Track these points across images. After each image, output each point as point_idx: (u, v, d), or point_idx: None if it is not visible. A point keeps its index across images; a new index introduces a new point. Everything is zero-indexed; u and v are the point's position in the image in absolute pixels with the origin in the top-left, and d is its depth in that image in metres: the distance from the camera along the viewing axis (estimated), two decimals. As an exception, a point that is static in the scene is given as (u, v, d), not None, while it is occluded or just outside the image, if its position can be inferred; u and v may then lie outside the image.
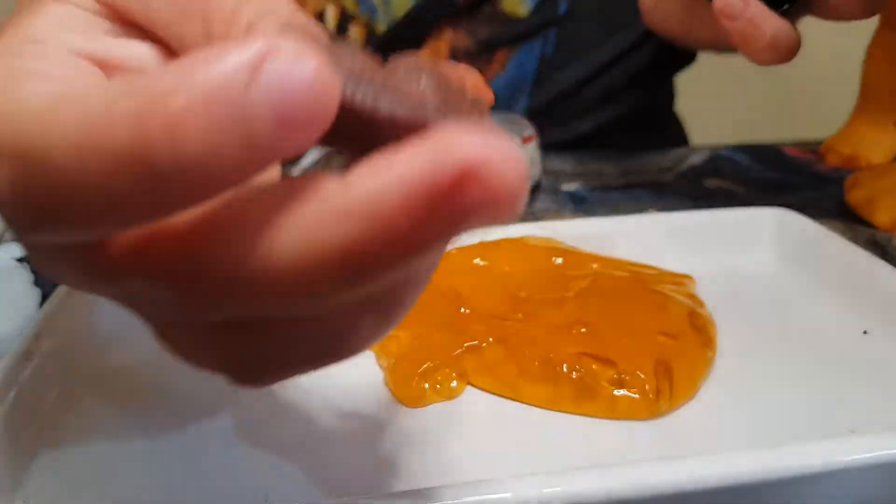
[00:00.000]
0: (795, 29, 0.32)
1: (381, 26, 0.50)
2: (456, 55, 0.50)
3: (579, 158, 0.49)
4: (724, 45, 0.36)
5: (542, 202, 0.41)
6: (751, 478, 0.18)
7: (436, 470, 0.20)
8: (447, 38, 0.50)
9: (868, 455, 0.18)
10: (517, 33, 0.50)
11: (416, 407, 0.23)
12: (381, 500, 0.17)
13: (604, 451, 0.21)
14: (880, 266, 0.28)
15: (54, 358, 0.24)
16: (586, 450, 0.21)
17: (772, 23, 0.31)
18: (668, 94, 0.62)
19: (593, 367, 0.23)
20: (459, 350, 0.24)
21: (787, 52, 0.32)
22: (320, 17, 0.51)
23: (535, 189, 0.42)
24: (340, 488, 0.20)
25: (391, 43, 0.50)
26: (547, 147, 0.50)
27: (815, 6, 0.32)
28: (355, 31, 0.51)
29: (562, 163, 0.48)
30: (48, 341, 0.24)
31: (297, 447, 0.21)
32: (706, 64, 0.60)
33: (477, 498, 0.17)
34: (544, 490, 0.17)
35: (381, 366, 0.25)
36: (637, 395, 0.22)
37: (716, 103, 0.91)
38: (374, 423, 0.22)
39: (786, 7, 0.32)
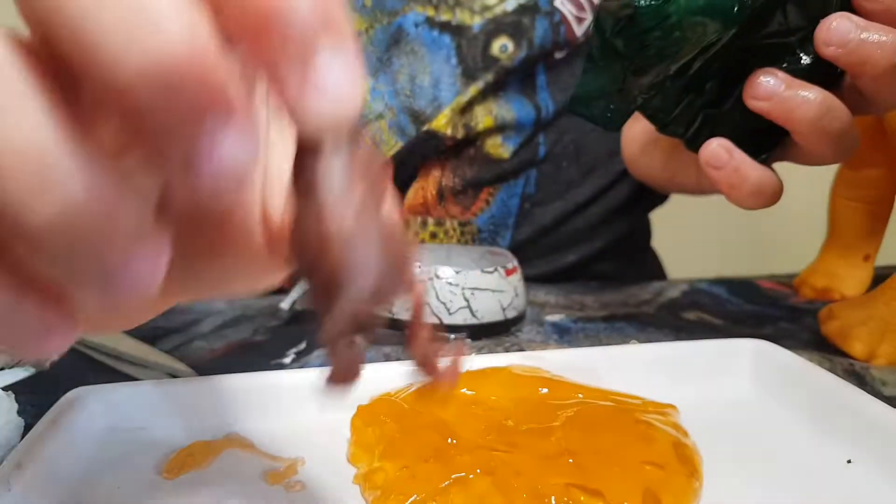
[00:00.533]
0: (776, 174, 0.34)
1: None
2: (443, 193, 0.53)
3: (562, 290, 0.50)
4: (707, 190, 0.38)
5: (527, 333, 0.42)
6: None
7: None
8: (435, 177, 0.52)
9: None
10: (500, 173, 0.52)
11: (403, 542, 0.22)
12: None
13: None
14: (860, 395, 0.29)
15: (34, 486, 0.23)
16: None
17: (755, 171, 0.33)
18: (645, 230, 0.65)
19: (581, 498, 0.23)
20: (447, 482, 0.24)
21: (771, 196, 0.34)
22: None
23: (520, 320, 0.43)
24: None
25: None
26: (531, 279, 0.51)
27: (791, 154, 0.34)
28: None
29: (545, 295, 0.49)
30: (29, 470, 0.23)
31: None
32: (679, 202, 0.63)
33: None
34: None
35: (366, 499, 0.24)
36: (626, 528, 0.22)
37: (690, 238, 0.94)
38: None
39: (764, 157, 0.34)
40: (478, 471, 0.24)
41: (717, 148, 0.32)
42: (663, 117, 0.33)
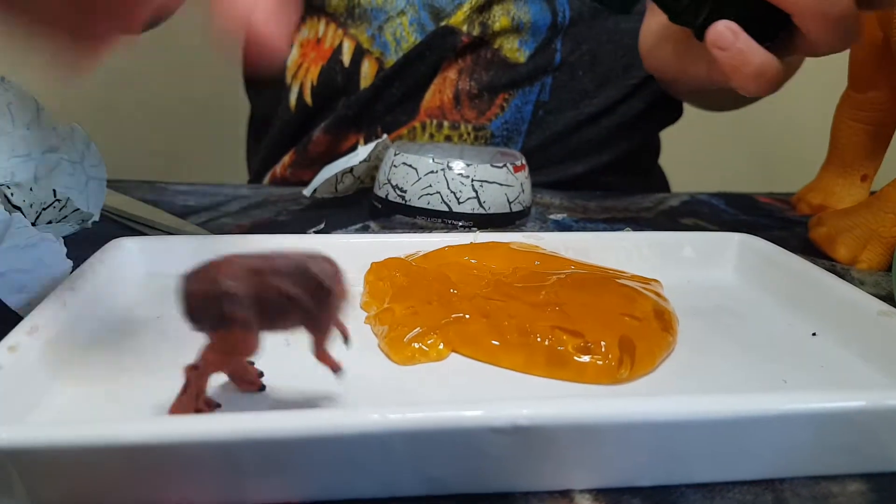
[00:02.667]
0: (778, 61, 0.35)
1: (392, 62, 0.55)
2: (459, 97, 0.55)
3: (567, 195, 0.53)
4: (716, 80, 0.39)
5: (530, 227, 0.44)
6: (681, 416, 0.20)
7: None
8: (451, 80, 0.54)
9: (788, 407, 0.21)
10: (515, 78, 0.54)
11: (407, 365, 0.26)
12: (377, 413, 0.20)
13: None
14: (830, 278, 0.31)
15: (85, 306, 0.27)
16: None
17: (758, 54, 0.34)
18: (655, 147, 0.66)
19: (563, 337, 0.26)
20: (446, 320, 0.27)
21: (773, 80, 0.35)
22: (338, 49, 0.56)
23: (525, 215, 0.45)
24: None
25: (399, 77, 0.54)
26: (539, 185, 0.54)
27: (795, 44, 0.36)
28: (368, 65, 0.55)
29: (551, 197, 0.52)
30: (81, 293, 0.27)
31: (298, 395, 0.24)
32: (689, 122, 0.65)
33: (453, 413, 0.19)
34: (513, 411, 0.20)
35: (375, 333, 0.28)
36: (601, 363, 0.25)
37: (697, 159, 0.96)
38: (369, 377, 0.25)
39: (769, 44, 0.35)
40: (474, 313, 0.27)
41: (724, 29, 0.34)
42: (674, 6, 0.35)
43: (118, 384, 0.24)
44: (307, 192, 0.46)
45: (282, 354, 0.26)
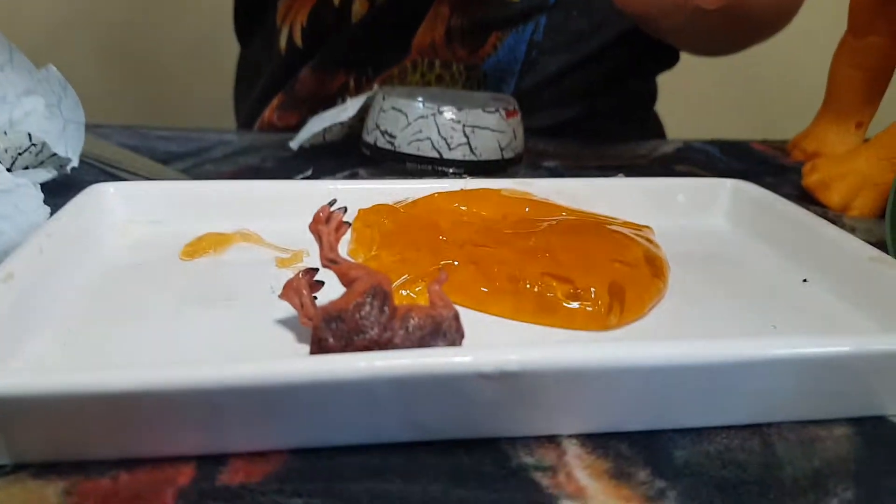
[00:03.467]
0: None
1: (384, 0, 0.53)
2: (451, 34, 0.53)
3: (560, 142, 0.52)
4: (688, 14, 0.37)
5: (522, 175, 0.44)
6: (672, 360, 0.20)
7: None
8: (444, 16, 0.53)
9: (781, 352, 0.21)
10: (509, 16, 0.53)
11: (393, 312, 0.25)
12: (364, 360, 0.19)
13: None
14: (822, 224, 0.31)
15: (64, 252, 0.26)
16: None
17: None
18: (651, 93, 0.65)
19: (553, 283, 0.26)
20: (435, 267, 0.26)
21: None
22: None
23: (517, 161, 0.45)
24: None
25: (390, 15, 0.53)
26: (532, 131, 0.53)
27: None
28: (359, 4, 0.54)
29: (544, 145, 0.51)
30: (59, 239, 0.26)
31: (288, 336, 0.24)
32: (685, 68, 0.64)
33: (440, 359, 0.19)
34: (500, 356, 0.19)
35: (362, 280, 0.27)
36: (590, 309, 0.25)
37: (692, 105, 0.95)
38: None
39: None
40: (463, 260, 0.27)
41: None
42: None
43: (97, 332, 0.24)
44: (294, 144, 0.45)
45: (267, 301, 0.26)
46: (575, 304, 0.25)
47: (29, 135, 0.33)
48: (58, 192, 0.34)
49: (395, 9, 0.53)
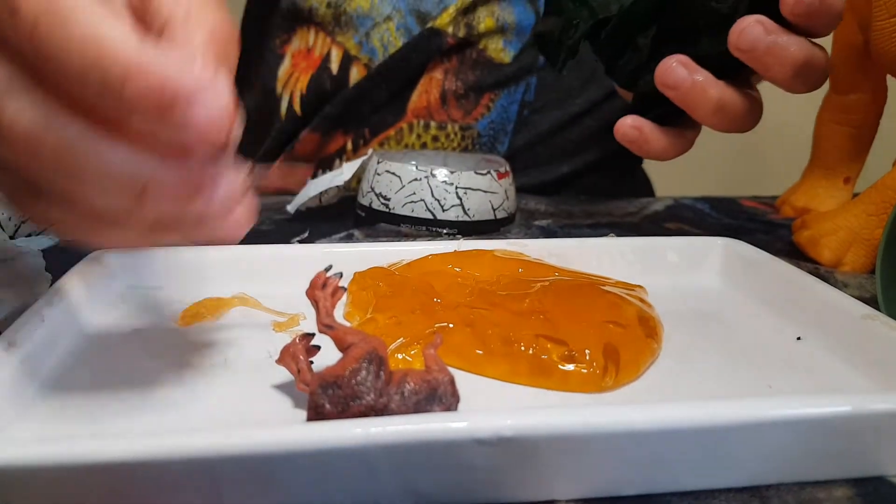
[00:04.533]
0: (746, 94, 0.34)
1: None
2: (445, 97, 0.55)
3: (552, 201, 0.53)
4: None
5: (515, 234, 0.44)
6: (670, 424, 0.20)
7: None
8: (438, 81, 0.54)
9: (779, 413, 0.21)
10: (501, 78, 0.55)
11: (389, 376, 0.25)
12: (359, 427, 0.19)
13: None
14: (815, 282, 0.31)
15: (63, 321, 0.26)
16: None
17: (717, 89, 0.33)
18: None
19: (547, 345, 0.26)
20: (430, 330, 0.27)
21: (736, 117, 0.34)
22: (326, 57, 0.55)
23: (509, 221, 0.45)
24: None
25: (385, 78, 0.54)
26: (525, 189, 0.54)
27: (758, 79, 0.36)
28: (356, 72, 0.55)
29: (536, 204, 0.52)
30: (59, 308, 0.26)
31: (285, 402, 0.24)
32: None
33: (436, 425, 0.19)
34: (497, 422, 0.19)
35: (359, 344, 0.27)
36: (585, 371, 0.25)
37: (680, 161, 0.96)
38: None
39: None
40: (458, 322, 0.27)
41: (676, 65, 0.33)
42: (606, 62, 0.37)
43: (98, 400, 0.24)
44: (291, 208, 0.46)
45: (265, 367, 0.26)
46: (570, 367, 0.25)
47: (30, 203, 0.34)
48: (59, 258, 0.34)
49: (388, 74, 0.54)
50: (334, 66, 0.55)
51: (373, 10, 0.54)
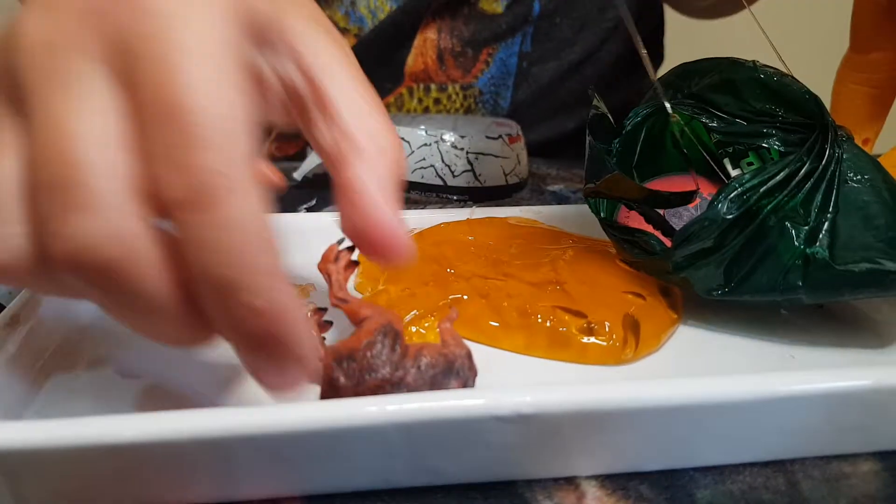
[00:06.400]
0: None
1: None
2: (442, 57, 0.53)
3: (564, 164, 0.52)
4: None
5: (527, 200, 0.43)
6: (690, 400, 0.19)
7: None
8: (432, 41, 0.53)
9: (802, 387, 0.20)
10: (496, 31, 0.53)
11: (403, 349, 0.25)
12: (375, 405, 0.19)
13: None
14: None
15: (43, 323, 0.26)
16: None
17: None
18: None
19: (566, 317, 0.25)
20: (444, 302, 0.26)
21: None
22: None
23: (521, 187, 0.44)
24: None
25: (379, 45, 0.53)
26: (535, 145, 0.53)
27: None
28: (347, 41, 0.53)
29: (548, 167, 0.51)
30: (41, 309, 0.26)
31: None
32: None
33: (454, 403, 0.19)
34: (516, 399, 0.19)
35: (371, 316, 0.27)
36: (605, 343, 0.25)
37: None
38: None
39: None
40: (473, 294, 0.26)
41: None
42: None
43: (104, 375, 0.23)
44: (297, 175, 0.45)
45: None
46: (589, 339, 0.25)
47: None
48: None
49: (379, 39, 0.53)
50: None
51: None
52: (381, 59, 0.53)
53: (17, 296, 0.24)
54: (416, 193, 0.42)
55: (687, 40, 0.68)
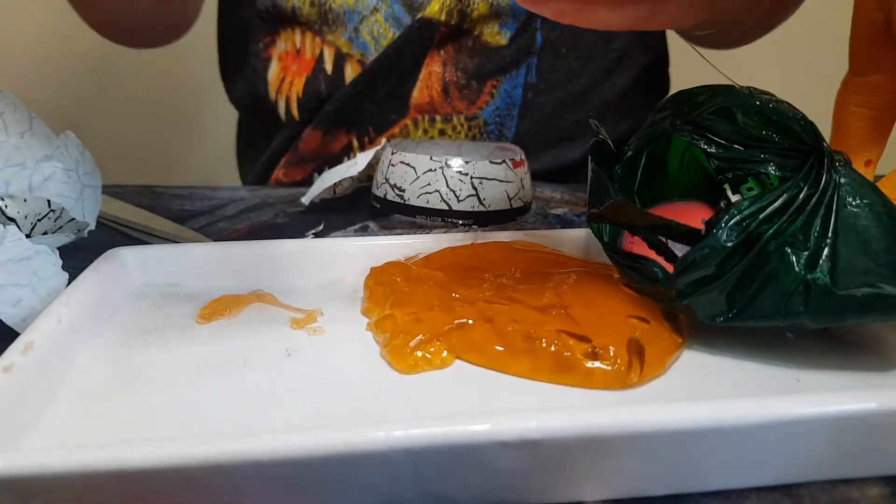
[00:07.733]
0: None
1: None
2: (448, 88, 0.54)
3: (568, 188, 0.52)
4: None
5: (532, 223, 0.44)
6: (699, 424, 0.20)
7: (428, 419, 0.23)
8: (437, 74, 0.54)
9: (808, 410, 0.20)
10: (501, 63, 0.54)
11: (410, 374, 0.25)
12: (382, 431, 0.19)
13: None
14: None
15: (82, 322, 0.26)
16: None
17: None
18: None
19: (570, 342, 0.25)
20: (449, 326, 0.26)
21: None
22: (319, 58, 0.55)
23: (525, 211, 0.45)
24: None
25: (381, 75, 0.53)
26: (538, 175, 0.53)
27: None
28: (351, 69, 0.54)
29: (552, 191, 0.51)
30: (76, 308, 0.26)
31: (304, 403, 0.24)
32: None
33: (459, 428, 0.19)
34: (521, 424, 0.19)
35: (377, 341, 0.27)
36: (609, 368, 0.25)
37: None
38: (371, 386, 0.25)
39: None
40: (477, 318, 0.27)
41: None
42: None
43: (117, 402, 0.24)
44: (305, 200, 0.45)
45: (283, 365, 0.25)
46: (594, 364, 0.25)
47: (48, 201, 0.34)
48: (75, 255, 0.34)
49: (383, 69, 0.53)
50: (328, 67, 0.55)
51: (358, 3, 0.53)
52: (385, 88, 0.54)
53: (30, 323, 0.25)
54: (422, 218, 0.42)
55: (692, 68, 0.69)
